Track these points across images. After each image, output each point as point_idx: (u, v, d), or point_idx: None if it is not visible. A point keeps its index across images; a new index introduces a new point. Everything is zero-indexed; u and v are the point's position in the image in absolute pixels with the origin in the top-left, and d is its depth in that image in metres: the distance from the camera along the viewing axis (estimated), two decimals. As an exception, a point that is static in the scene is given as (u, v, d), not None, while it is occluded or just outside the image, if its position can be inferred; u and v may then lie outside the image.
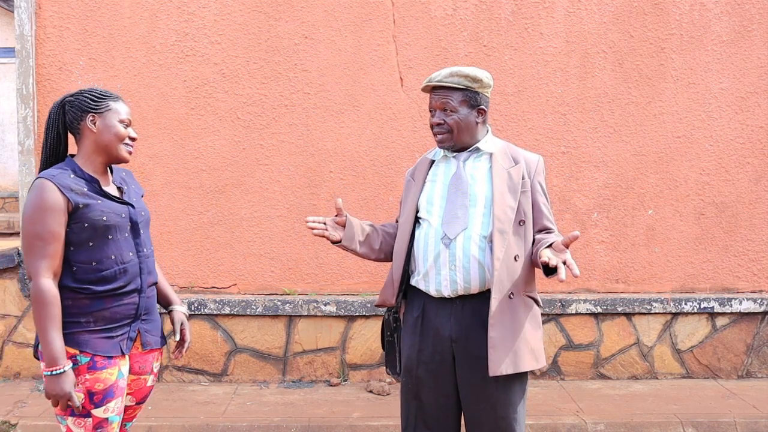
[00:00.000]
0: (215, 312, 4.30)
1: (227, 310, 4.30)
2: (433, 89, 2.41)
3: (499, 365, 2.23)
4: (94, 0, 4.31)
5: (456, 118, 2.36)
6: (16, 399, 4.00)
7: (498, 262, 2.26)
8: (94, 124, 2.16)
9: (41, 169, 2.20)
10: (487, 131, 2.46)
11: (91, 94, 2.19)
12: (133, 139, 2.23)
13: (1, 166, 9.63)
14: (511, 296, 2.28)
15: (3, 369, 4.36)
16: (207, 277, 4.43)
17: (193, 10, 4.33)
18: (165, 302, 2.43)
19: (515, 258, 2.30)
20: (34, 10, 4.28)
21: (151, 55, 4.34)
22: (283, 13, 4.35)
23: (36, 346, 2.18)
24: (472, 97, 2.37)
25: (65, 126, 2.20)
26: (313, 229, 2.42)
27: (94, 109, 2.16)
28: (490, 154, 2.41)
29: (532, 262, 2.37)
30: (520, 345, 2.28)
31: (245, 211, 4.41)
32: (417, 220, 2.45)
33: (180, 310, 2.42)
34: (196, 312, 4.30)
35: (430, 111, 2.43)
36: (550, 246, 2.25)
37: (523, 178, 2.36)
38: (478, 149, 2.41)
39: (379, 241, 2.53)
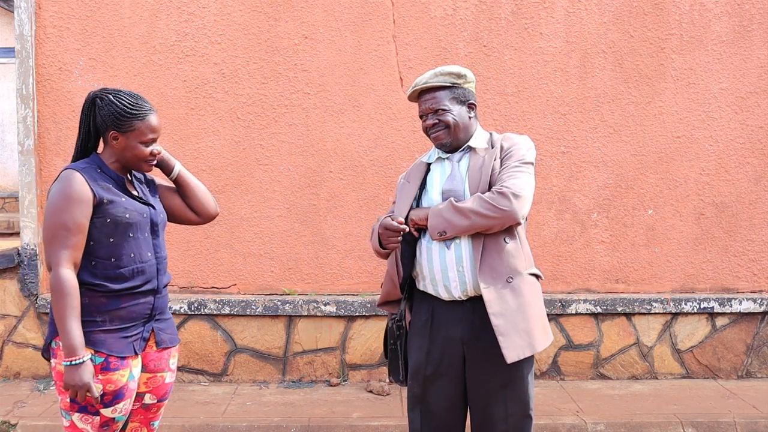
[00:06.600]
0: (215, 312, 4.30)
1: (227, 310, 4.30)
2: (420, 94, 2.40)
3: (514, 351, 2.20)
4: (94, 0, 4.31)
5: (451, 115, 2.35)
6: (16, 399, 4.00)
7: (480, 252, 2.26)
8: (116, 140, 2.17)
9: (72, 161, 2.23)
10: (477, 126, 2.45)
11: (118, 108, 2.14)
12: (155, 155, 2.23)
13: (1, 166, 9.62)
14: (510, 280, 2.26)
15: (3, 369, 4.36)
16: (207, 277, 4.43)
17: (193, 10, 4.33)
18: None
19: (504, 240, 2.29)
20: (34, 10, 4.28)
21: (151, 55, 4.34)
22: (283, 13, 4.35)
23: (47, 345, 2.19)
24: (460, 93, 2.38)
25: (95, 125, 2.20)
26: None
27: (117, 127, 2.15)
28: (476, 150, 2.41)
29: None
30: (532, 325, 2.25)
31: (245, 211, 4.41)
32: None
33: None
34: (196, 312, 4.30)
35: (421, 117, 2.41)
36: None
37: (495, 160, 2.34)
38: (470, 147, 2.40)
39: None
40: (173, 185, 2.42)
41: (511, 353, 2.20)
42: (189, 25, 4.34)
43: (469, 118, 2.40)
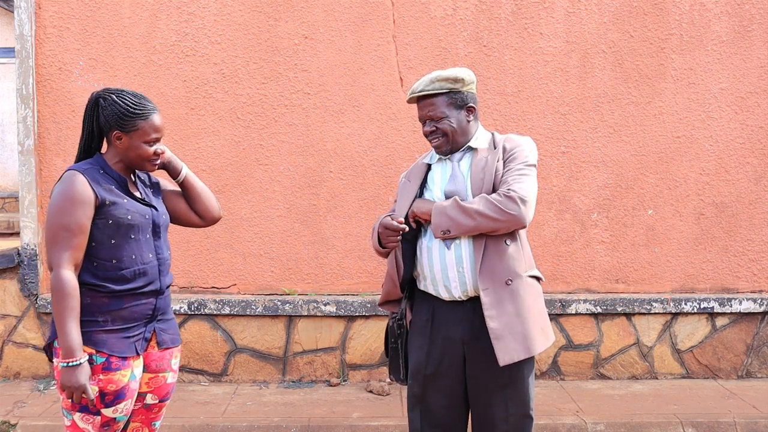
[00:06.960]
0: (215, 312, 4.30)
1: (227, 310, 4.30)
2: (418, 100, 2.40)
3: (508, 354, 2.21)
4: (94, 0, 4.31)
5: (448, 123, 2.34)
6: (16, 399, 4.00)
7: (481, 253, 2.26)
8: (120, 140, 2.18)
9: (76, 162, 2.23)
10: (478, 127, 2.45)
11: (122, 107, 2.15)
12: (159, 154, 2.24)
13: (1, 166, 9.63)
14: (509, 282, 2.26)
15: (3, 369, 4.36)
16: (207, 277, 4.43)
17: (193, 10, 4.33)
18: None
19: (506, 242, 2.29)
20: (34, 10, 4.28)
21: (151, 55, 4.34)
22: (283, 13, 4.35)
23: (48, 345, 2.19)
24: (457, 98, 2.36)
25: (99, 125, 2.21)
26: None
27: (121, 127, 2.16)
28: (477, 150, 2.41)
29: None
30: (529, 328, 2.25)
31: (245, 211, 4.41)
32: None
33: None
34: (196, 312, 4.30)
35: (421, 122, 2.41)
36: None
37: (498, 161, 2.35)
38: (470, 147, 2.40)
39: None
40: (178, 188, 2.42)
41: (504, 356, 2.21)
42: (189, 25, 4.34)
43: (468, 121, 2.38)
